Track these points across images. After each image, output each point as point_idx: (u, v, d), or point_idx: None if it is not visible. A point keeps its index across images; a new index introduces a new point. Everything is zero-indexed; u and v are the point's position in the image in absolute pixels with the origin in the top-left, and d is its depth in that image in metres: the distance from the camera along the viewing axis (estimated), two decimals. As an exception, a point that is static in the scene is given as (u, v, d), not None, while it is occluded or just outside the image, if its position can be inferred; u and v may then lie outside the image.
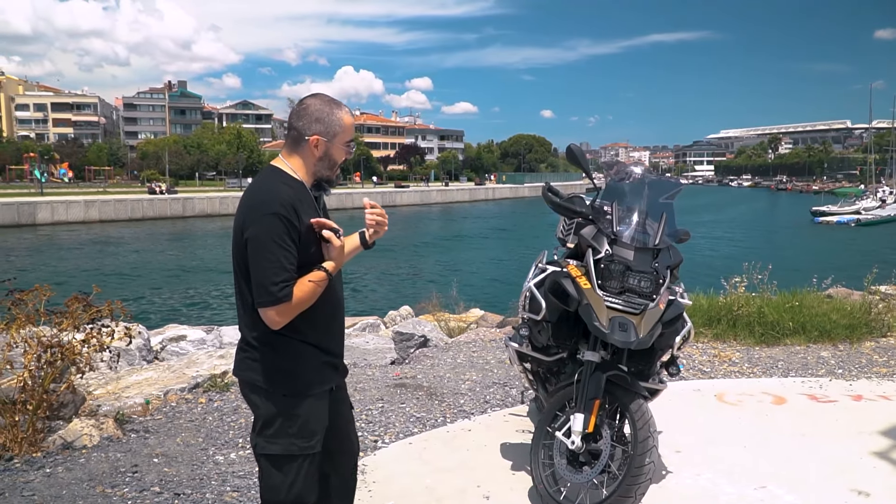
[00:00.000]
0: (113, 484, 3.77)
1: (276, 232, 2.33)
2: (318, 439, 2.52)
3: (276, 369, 2.48)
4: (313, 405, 2.52)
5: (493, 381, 5.88)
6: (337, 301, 2.61)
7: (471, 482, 3.98)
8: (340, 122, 2.50)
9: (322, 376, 2.55)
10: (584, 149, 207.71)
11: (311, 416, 2.51)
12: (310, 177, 2.52)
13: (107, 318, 4.50)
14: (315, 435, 2.52)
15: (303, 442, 2.49)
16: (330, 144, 2.49)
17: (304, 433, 2.49)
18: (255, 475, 3.95)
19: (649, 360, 3.79)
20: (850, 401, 5.50)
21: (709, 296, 7.73)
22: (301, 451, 2.49)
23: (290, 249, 2.36)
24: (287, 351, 2.48)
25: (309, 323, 2.47)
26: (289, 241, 2.35)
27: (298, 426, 2.48)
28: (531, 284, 3.93)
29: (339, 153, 2.53)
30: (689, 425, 4.94)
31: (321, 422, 2.55)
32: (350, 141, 2.55)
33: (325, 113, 2.48)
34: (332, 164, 2.54)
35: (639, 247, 3.60)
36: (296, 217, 2.37)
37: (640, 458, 3.29)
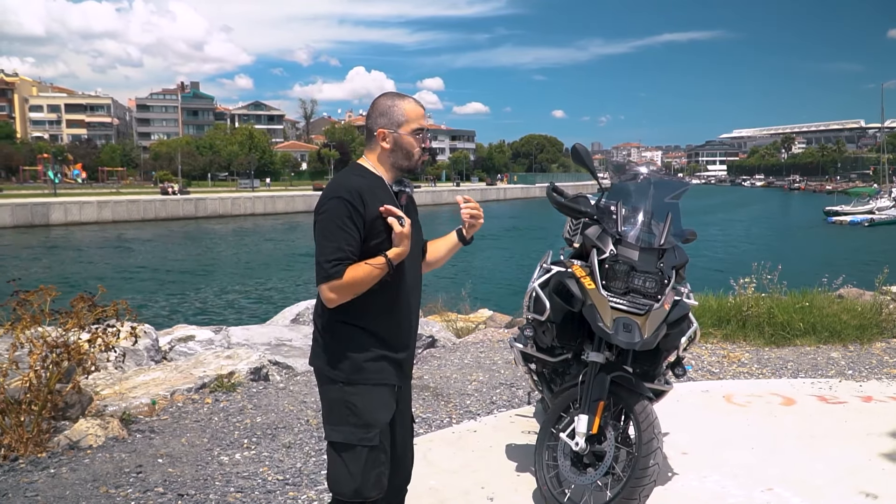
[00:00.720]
0: (117, 484, 3.78)
1: (338, 214, 2.40)
2: (375, 432, 2.50)
3: (334, 356, 2.53)
4: (370, 395, 2.51)
5: (499, 382, 5.86)
6: (402, 295, 2.59)
7: (475, 483, 3.96)
8: (403, 111, 2.56)
9: (379, 368, 2.53)
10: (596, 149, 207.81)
11: (367, 406, 2.50)
12: (388, 170, 2.60)
13: (112, 318, 4.50)
14: (373, 427, 2.50)
15: (361, 432, 2.49)
16: (397, 135, 2.55)
17: (361, 423, 2.50)
18: (259, 476, 3.99)
19: (655, 361, 3.76)
20: (860, 402, 5.44)
21: (718, 296, 7.68)
22: (360, 442, 2.49)
23: (350, 232, 2.41)
24: (345, 337, 2.52)
25: (369, 312, 2.51)
26: (350, 224, 2.40)
27: (356, 415, 2.50)
28: (535, 285, 3.91)
29: (409, 142, 2.56)
30: (696, 427, 4.90)
31: (380, 414, 2.52)
32: (419, 129, 2.58)
33: (388, 106, 2.57)
34: (408, 154, 2.58)
35: (644, 247, 3.57)
36: (361, 203, 2.42)
37: (644, 459, 3.27)
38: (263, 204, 61.31)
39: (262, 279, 27.32)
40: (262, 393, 5.47)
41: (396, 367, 2.59)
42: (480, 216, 2.74)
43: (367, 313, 2.51)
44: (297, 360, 6.60)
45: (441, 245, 2.87)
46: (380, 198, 2.49)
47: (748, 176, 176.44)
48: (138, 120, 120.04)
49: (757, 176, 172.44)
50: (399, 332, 2.60)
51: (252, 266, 31.09)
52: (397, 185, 2.59)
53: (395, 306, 2.57)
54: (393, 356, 2.57)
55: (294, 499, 3.73)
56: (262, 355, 6.31)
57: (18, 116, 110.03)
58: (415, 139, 2.57)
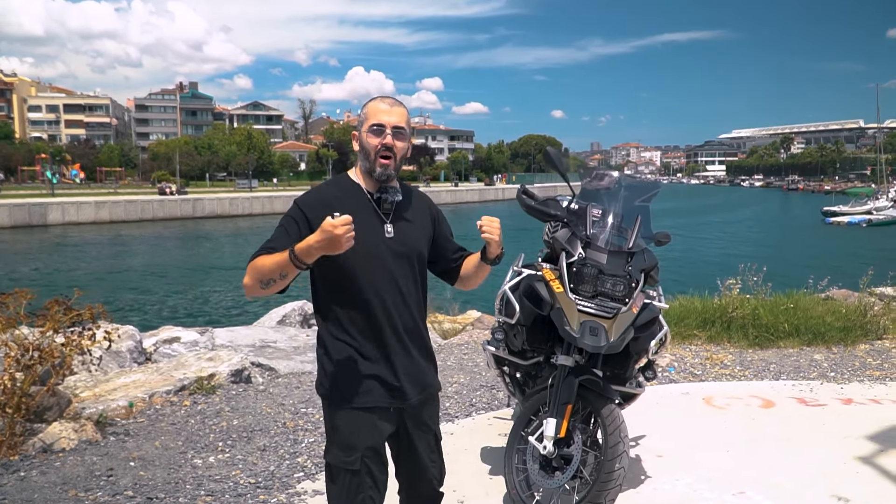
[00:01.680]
0: (87, 488, 3.77)
1: (287, 217, 2.44)
2: (356, 456, 2.42)
3: (322, 373, 2.50)
4: (353, 418, 2.45)
5: (480, 385, 5.85)
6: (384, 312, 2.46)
7: (447, 487, 3.91)
8: (365, 111, 2.50)
9: (364, 390, 2.44)
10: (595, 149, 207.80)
11: (350, 429, 2.44)
12: (364, 177, 2.52)
13: (88, 321, 4.49)
14: (354, 451, 2.43)
15: (343, 455, 2.44)
16: (360, 134, 2.49)
17: (343, 445, 2.45)
18: (231, 479, 3.99)
19: (625, 364, 3.75)
20: (840, 405, 5.44)
21: (704, 298, 7.68)
22: (342, 465, 2.44)
23: (287, 232, 2.39)
24: (331, 355, 2.47)
25: (352, 329, 2.45)
26: (292, 226, 2.39)
27: (339, 437, 2.46)
28: (506, 288, 3.89)
29: (366, 139, 2.47)
30: (673, 429, 4.89)
31: (361, 439, 2.44)
32: (376, 125, 2.44)
33: (361, 110, 2.53)
34: (366, 154, 2.47)
35: (612, 250, 3.57)
36: (318, 210, 2.35)
37: (609, 463, 3.26)
38: (261, 204, 61.23)
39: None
40: (242, 395, 5.47)
41: (387, 389, 2.48)
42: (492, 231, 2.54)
43: (352, 330, 2.45)
44: (280, 362, 6.59)
45: (470, 262, 2.72)
46: (349, 206, 2.39)
47: (747, 176, 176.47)
48: (137, 120, 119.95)
49: (756, 176, 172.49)
50: (387, 352, 2.48)
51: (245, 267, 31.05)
52: (379, 193, 2.50)
53: (376, 323, 2.46)
54: (382, 377, 2.47)
55: (264, 502, 3.73)
56: (244, 357, 6.30)
57: (17, 117, 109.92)
58: (371, 136, 2.45)
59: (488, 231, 2.54)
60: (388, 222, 2.50)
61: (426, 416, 2.66)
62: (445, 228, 2.75)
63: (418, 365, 2.58)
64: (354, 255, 2.36)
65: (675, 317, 7.34)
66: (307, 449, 4.44)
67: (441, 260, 2.73)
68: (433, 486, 2.78)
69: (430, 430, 2.70)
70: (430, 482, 2.76)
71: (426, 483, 2.75)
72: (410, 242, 2.55)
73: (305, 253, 2.24)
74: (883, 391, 5.78)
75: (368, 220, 2.46)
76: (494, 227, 2.54)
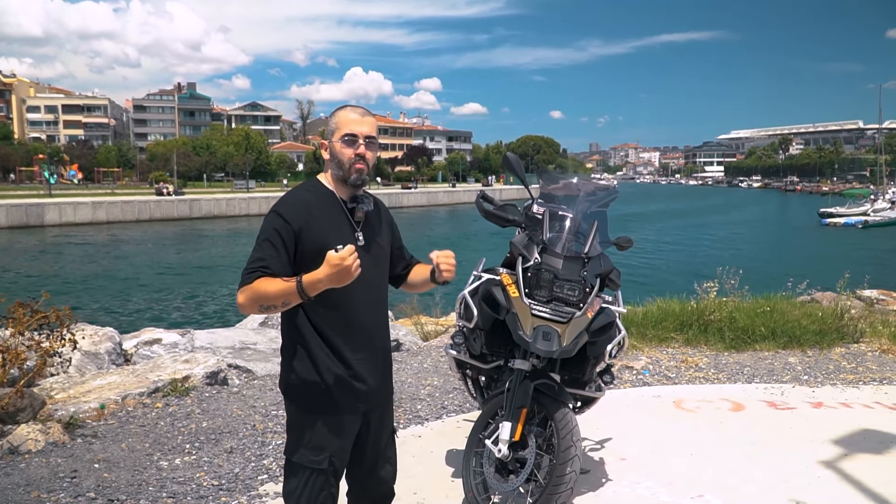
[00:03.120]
0: (49, 489, 3.80)
1: (269, 226, 2.41)
2: (325, 456, 2.49)
3: (290, 377, 2.52)
4: (324, 422, 2.50)
5: (453, 387, 5.87)
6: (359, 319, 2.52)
7: (408, 489, 3.97)
8: (336, 119, 2.53)
9: (335, 396, 2.48)
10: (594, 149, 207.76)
11: (320, 431, 2.50)
12: (336, 184, 2.55)
13: (55, 323, 4.52)
14: (323, 451, 2.49)
15: (311, 454, 2.49)
16: (331, 144, 2.52)
17: (312, 446, 2.50)
18: (195, 481, 4.02)
19: (582, 368, 3.78)
20: (810, 408, 5.47)
21: (681, 300, 7.71)
22: (309, 464, 2.49)
23: (275, 246, 2.38)
24: (301, 360, 2.49)
25: (324, 335, 2.48)
26: (277, 238, 2.39)
27: (308, 438, 2.50)
28: (465, 292, 3.92)
29: (338, 148, 2.50)
30: (640, 432, 4.92)
31: (332, 440, 2.50)
32: (349, 135, 2.48)
33: (329, 119, 2.58)
34: (339, 163, 2.51)
35: (568, 255, 3.60)
36: (295, 219, 2.40)
37: (561, 467, 3.29)
38: (258, 205, 61.20)
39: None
40: (214, 398, 5.49)
41: (354, 395, 2.52)
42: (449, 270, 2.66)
43: (324, 334, 2.48)
44: (258, 364, 6.62)
45: (420, 272, 2.83)
46: (326, 213, 2.47)
47: (745, 177, 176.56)
48: (135, 121, 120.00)
49: (754, 177, 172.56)
50: (358, 357, 2.53)
51: (238, 267, 31.01)
52: (352, 202, 2.53)
53: (348, 328, 2.50)
54: (351, 382, 2.51)
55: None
56: (220, 359, 6.32)
57: (16, 117, 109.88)
58: (344, 146, 2.48)
59: (445, 269, 2.66)
60: (359, 230, 2.55)
61: (385, 416, 2.73)
62: (398, 237, 2.84)
63: (384, 369, 2.66)
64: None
65: (652, 319, 7.38)
66: (274, 451, 4.47)
67: (393, 267, 2.80)
68: (388, 485, 2.83)
69: (389, 424, 2.77)
70: (387, 481, 2.81)
71: (381, 481, 2.79)
72: (377, 250, 2.62)
73: (312, 286, 2.28)
74: (855, 395, 5.80)
75: (342, 228, 2.51)
76: (451, 265, 2.65)
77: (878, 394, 5.83)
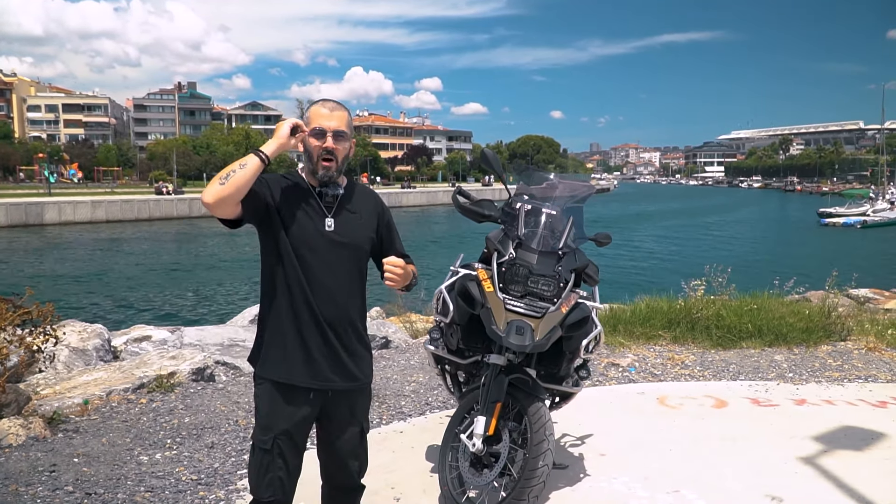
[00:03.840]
0: (28, 483, 3.81)
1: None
2: (270, 436, 2.54)
3: (254, 351, 2.66)
4: (271, 397, 2.56)
5: (437, 384, 5.87)
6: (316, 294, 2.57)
7: (386, 484, 3.99)
8: (308, 114, 2.64)
9: (284, 365, 2.55)
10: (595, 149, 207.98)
11: (267, 409, 2.57)
12: (309, 175, 2.64)
13: (38, 319, 4.54)
14: (269, 431, 2.54)
15: (260, 433, 2.57)
16: (304, 138, 2.59)
17: (261, 425, 2.58)
18: (174, 476, 4.03)
19: (558, 363, 3.79)
20: (793, 405, 5.48)
21: (669, 298, 7.72)
22: (258, 443, 2.57)
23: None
24: (261, 334, 2.64)
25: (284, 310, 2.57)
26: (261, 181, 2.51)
27: (259, 417, 2.59)
28: (442, 287, 3.94)
29: (309, 142, 2.58)
30: (621, 429, 4.94)
31: (277, 420, 2.55)
32: (316, 129, 2.56)
33: (305, 111, 2.69)
34: (309, 156, 2.59)
35: (543, 250, 3.61)
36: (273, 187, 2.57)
37: (533, 461, 3.31)
38: (258, 204, 61.23)
39: (240, 278, 27.16)
40: (199, 393, 5.51)
41: (307, 370, 2.57)
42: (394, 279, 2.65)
43: (283, 310, 2.57)
44: (245, 361, 6.62)
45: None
46: (296, 194, 2.60)
47: (746, 177, 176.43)
48: (135, 120, 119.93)
49: (754, 177, 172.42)
50: (311, 336, 2.57)
51: (233, 266, 30.90)
52: (321, 187, 2.61)
53: (303, 307, 2.56)
54: (303, 357, 2.56)
55: (203, 498, 3.77)
56: (207, 356, 6.34)
57: (16, 116, 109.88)
58: (313, 139, 2.56)
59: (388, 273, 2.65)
60: (330, 216, 2.61)
61: (354, 408, 2.74)
62: (393, 233, 2.86)
63: (344, 354, 2.65)
64: (294, 242, 2.53)
65: (640, 317, 7.39)
66: (255, 447, 4.48)
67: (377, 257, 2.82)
68: (353, 479, 2.86)
69: (357, 422, 2.78)
70: (351, 474, 2.84)
71: (346, 474, 2.83)
72: (351, 236, 2.66)
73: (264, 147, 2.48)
74: (838, 392, 5.82)
75: (310, 213, 2.59)
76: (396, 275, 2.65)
77: (863, 391, 5.85)
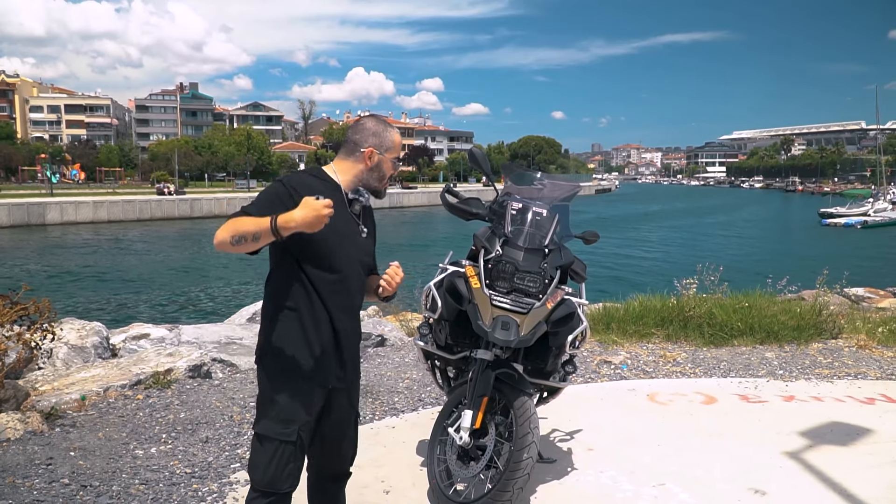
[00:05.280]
0: (24, 475, 3.89)
1: (271, 191, 2.60)
2: (293, 429, 2.58)
3: (265, 348, 2.65)
4: (292, 391, 2.59)
5: (431, 381, 5.93)
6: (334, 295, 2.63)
7: (376, 478, 4.06)
8: (392, 139, 2.80)
9: (303, 367, 2.60)
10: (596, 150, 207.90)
11: (288, 402, 2.59)
12: (353, 182, 2.75)
13: (35, 315, 4.61)
14: (291, 424, 2.58)
15: (280, 427, 2.58)
16: (382, 157, 2.75)
17: (280, 418, 2.59)
18: (168, 469, 4.10)
19: (545, 358, 3.86)
20: (781, 401, 5.55)
21: (662, 297, 7.78)
22: (278, 436, 2.58)
23: (271, 205, 2.50)
24: (275, 332, 2.63)
25: (299, 310, 2.60)
26: (276, 200, 2.52)
27: (276, 410, 2.60)
28: (431, 284, 4.01)
29: (388, 166, 2.78)
30: (611, 424, 5.00)
31: (299, 412, 2.60)
32: (398, 158, 2.81)
33: (381, 130, 2.78)
34: (382, 176, 2.78)
35: (529, 247, 3.68)
36: (298, 195, 2.48)
37: (518, 453, 3.37)
38: (259, 204, 61.37)
39: (239, 278, 27.20)
40: (195, 390, 5.58)
41: (324, 368, 2.64)
42: (391, 288, 2.84)
43: (298, 311, 2.61)
44: (241, 358, 6.70)
45: (370, 283, 2.91)
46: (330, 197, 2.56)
47: (747, 178, 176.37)
48: (137, 120, 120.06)
49: (756, 178, 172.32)
50: (339, 334, 2.66)
51: (231, 266, 30.93)
52: (353, 194, 2.74)
53: (338, 302, 2.64)
54: (321, 357, 2.63)
55: (196, 491, 3.84)
56: (204, 353, 6.41)
57: (19, 117, 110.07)
58: (392, 166, 2.79)
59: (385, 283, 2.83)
60: (360, 223, 2.76)
61: (351, 397, 2.84)
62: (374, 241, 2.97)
63: (356, 349, 2.80)
64: (334, 236, 2.59)
65: (633, 315, 7.46)
66: (249, 441, 4.54)
67: None
68: (346, 465, 2.94)
69: (354, 410, 2.88)
70: (345, 460, 2.92)
71: (340, 460, 2.90)
72: (368, 242, 2.82)
73: (284, 225, 2.37)
74: (828, 389, 5.88)
75: (344, 216, 2.68)
76: (394, 284, 2.83)
77: (852, 388, 5.91)
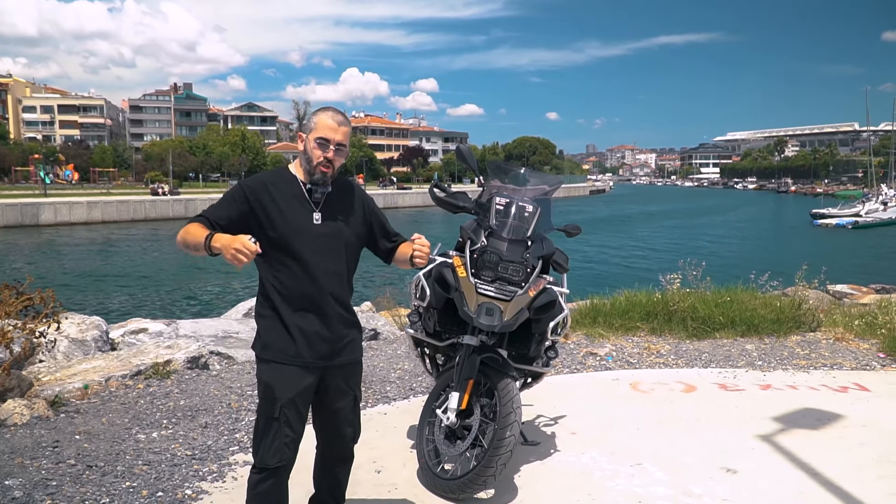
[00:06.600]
0: (32, 457, 4.08)
1: (230, 193, 2.87)
2: (277, 406, 2.79)
3: (257, 334, 2.90)
4: (274, 372, 2.82)
5: (422, 371, 6.13)
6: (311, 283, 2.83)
7: (368, 459, 4.27)
8: (315, 121, 2.89)
9: (286, 347, 2.82)
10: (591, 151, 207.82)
11: (271, 381, 2.81)
12: (303, 172, 2.90)
13: (40, 305, 4.80)
14: (276, 402, 2.79)
15: (266, 405, 2.82)
16: (307, 141, 2.88)
17: (266, 396, 2.82)
18: (169, 451, 4.30)
19: (527, 344, 4.07)
20: (758, 390, 5.77)
21: (648, 291, 8.01)
22: (264, 414, 2.82)
23: (227, 207, 2.80)
24: (262, 318, 2.90)
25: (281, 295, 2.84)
26: (231, 202, 2.80)
27: (263, 389, 2.84)
28: (420, 274, 4.22)
29: (311, 147, 2.85)
30: (594, 410, 5.22)
31: (283, 390, 2.80)
32: (321, 139, 2.83)
33: (312, 115, 2.93)
34: (308, 159, 2.86)
35: (512, 238, 3.90)
36: (253, 193, 2.81)
37: (501, 431, 3.59)
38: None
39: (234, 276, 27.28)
40: (193, 379, 5.77)
41: (308, 346, 2.84)
42: (423, 258, 3.05)
43: (283, 295, 2.83)
44: (238, 351, 6.89)
45: (404, 251, 3.13)
46: (284, 193, 2.86)
47: (741, 179, 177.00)
48: (131, 121, 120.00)
49: (749, 179, 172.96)
50: (312, 317, 2.85)
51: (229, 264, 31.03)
52: (311, 184, 2.88)
53: (302, 291, 2.84)
54: (304, 337, 2.83)
55: (197, 471, 4.04)
56: (202, 346, 6.60)
57: (12, 117, 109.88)
58: (316, 147, 2.84)
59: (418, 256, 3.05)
60: (317, 211, 2.90)
61: (348, 379, 3.03)
62: (380, 217, 3.17)
63: (339, 331, 2.94)
64: (286, 237, 2.81)
65: (619, 310, 7.68)
66: (246, 426, 4.75)
67: (379, 241, 3.17)
68: (348, 445, 3.16)
69: (351, 391, 3.06)
70: (346, 440, 3.14)
71: (342, 440, 3.12)
72: (337, 227, 2.95)
73: (213, 246, 2.63)
74: (803, 378, 6.11)
75: (299, 208, 2.87)
76: (423, 254, 3.05)
77: (826, 377, 6.14)
